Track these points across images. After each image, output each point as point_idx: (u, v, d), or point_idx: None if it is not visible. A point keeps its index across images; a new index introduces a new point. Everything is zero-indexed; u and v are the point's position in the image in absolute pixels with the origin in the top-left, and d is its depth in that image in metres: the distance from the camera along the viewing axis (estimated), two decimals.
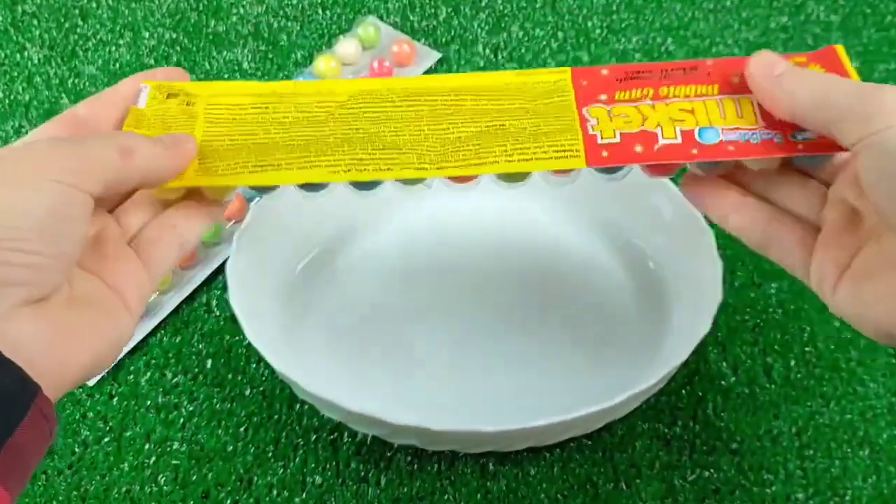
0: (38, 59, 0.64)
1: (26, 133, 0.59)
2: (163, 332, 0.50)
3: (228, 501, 0.43)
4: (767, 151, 0.33)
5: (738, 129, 0.34)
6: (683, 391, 0.47)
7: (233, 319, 0.50)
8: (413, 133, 0.35)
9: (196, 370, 0.48)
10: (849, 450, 0.45)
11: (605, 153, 0.34)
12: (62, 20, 0.67)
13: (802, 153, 0.33)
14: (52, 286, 0.29)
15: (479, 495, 0.44)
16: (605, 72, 0.36)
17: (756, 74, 0.33)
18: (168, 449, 0.45)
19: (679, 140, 0.34)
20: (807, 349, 0.48)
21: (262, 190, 0.35)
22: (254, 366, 0.48)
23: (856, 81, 0.32)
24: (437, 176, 0.34)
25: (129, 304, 0.32)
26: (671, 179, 0.47)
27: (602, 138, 0.34)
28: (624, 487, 0.44)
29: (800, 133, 0.33)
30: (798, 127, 0.33)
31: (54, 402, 0.28)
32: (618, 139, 0.34)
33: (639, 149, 0.34)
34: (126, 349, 0.48)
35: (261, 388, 0.47)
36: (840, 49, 0.34)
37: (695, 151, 0.34)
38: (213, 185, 0.34)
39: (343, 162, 0.34)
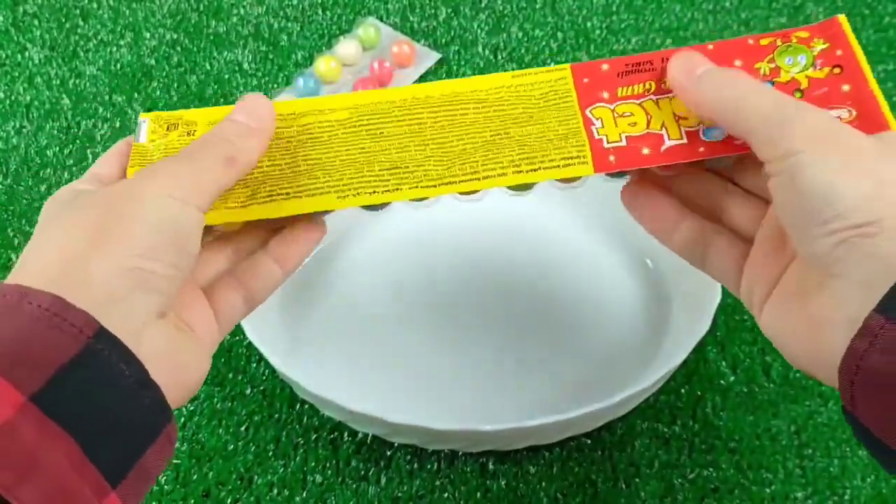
0: (39, 60, 0.64)
1: (27, 133, 0.59)
2: None
3: (229, 500, 0.44)
4: None
5: None
6: (683, 390, 0.47)
7: None
8: (418, 147, 0.34)
9: None
10: (847, 449, 0.45)
11: (611, 157, 0.34)
12: (63, 20, 0.67)
13: None
14: (173, 300, 0.29)
15: (478, 494, 0.44)
16: (605, 66, 0.35)
17: (675, 74, 0.33)
18: None
19: (685, 140, 0.34)
20: None
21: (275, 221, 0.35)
22: (254, 365, 0.48)
23: (776, 95, 0.30)
24: (447, 193, 0.34)
25: (203, 343, 0.32)
26: None
27: (608, 142, 0.34)
28: (623, 486, 0.44)
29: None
30: None
31: None
32: (623, 143, 0.34)
33: (646, 151, 0.34)
34: None
35: (261, 388, 0.47)
36: (843, 20, 0.34)
37: (702, 150, 0.33)
38: (227, 222, 0.34)
39: (351, 186, 0.34)
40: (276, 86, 0.62)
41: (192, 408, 0.47)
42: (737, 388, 0.47)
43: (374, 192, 0.34)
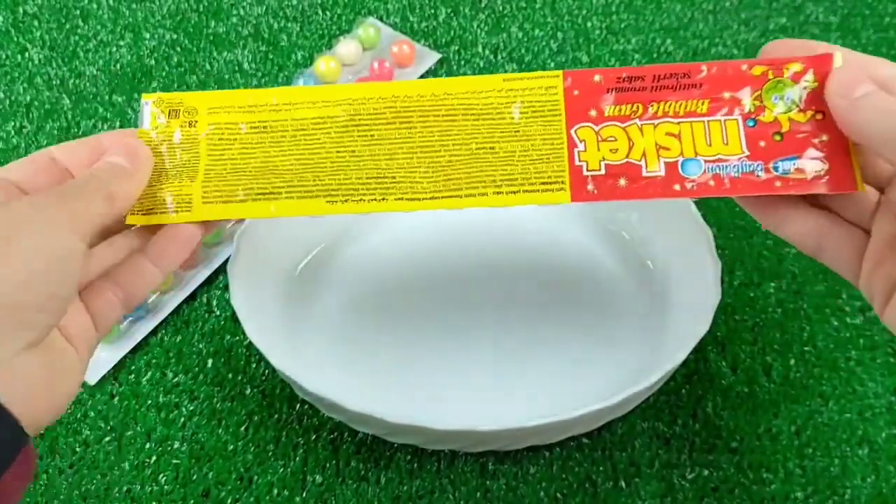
0: (39, 60, 0.64)
1: (27, 133, 0.59)
2: (163, 331, 0.50)
3: (229, 500, 0.44)
4: (746, 189, 0.34)
5: (720, 160, 0.34)
6: (683, 390, 0.47)
7: (233, 319, 0.50)
8: (406, 155, 0.35)
9: (197, 369, 0.48)
10: (848, 449, 0.45)
11: (590, 186, 0.34)
12: (63, 21, 0.67)
13: (778, 192, 0.34)
14: (49, 331, 0.30)
15: (478, 494, 0.44)
16: (597, 77, 0.35)
17: (833, 95, 0.32)
18: (169, 448, 0.45)
19: (662, 173, 0.34)
20: (806, 348, 0.48)
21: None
22: (254, 365, 0.48)
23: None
24: (430, 208, 0.34)
25: (81, 352, 0.33)
26: None
27: (588, 169, 0.35)
28: (623, 486, 0.44)
29: (783, 162, 0.34)
30: (781, 155, 0.34)
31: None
32: (603, 171, 0.35)
33: (622, 182, 0.34)
34: (127, 348, 0.49)
35: (261, 388, 0.47)
36: (838, 58, 0.34)
37: (677, 188, 0.34)
38: (219, 218, 0.35)
39: (340, 192, 0.35)
40: (275, 86, 0.62)
41: (192, 408, 0.47)
42: (737, 387, 0.47)
43: (362, 199, 0.35)
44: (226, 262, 0.48)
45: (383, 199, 0.35)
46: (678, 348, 0.41)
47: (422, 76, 0.62)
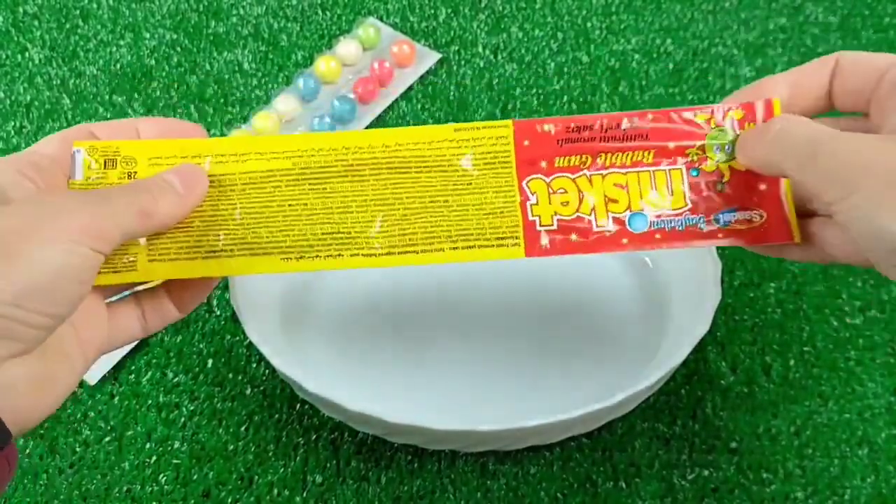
0: (40, 60, 0.64)
1: (27, 133, 0.59)
2: (164, 331, 0.50)
3: (229, 500, 0.44)
4: (689, 239, 0.35)
5: (664, 214, 0.35)
6: (683, 390, 0.47)
7: (234, 319, 0.50)
8: (360, 209, 0.35)
9: (197, 369, 0.48)
10: (847, 449, 0.45)
11: (544, 241, 0.35)
12: (63, 21, 0.67)
13: (720, 241, 0.35)
14: (39, 344, 0.29)
15: (479, 494, 0.44)
16: (546, 127, 0.36)
17: (742, 158, 0.34)
18: (169, 448, 0.45)
19: (611, 228, 0.35)
20: (805, 349, 0.48)
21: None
22: (254, 365, 0.48)
23: (809, 133, 0.30)
24: (386, 265, 0.35)
25: (88, 355, 0.32)
26: None
27: (541, 224, 0.35)
28: (623, 486, 0.44)
29: (723, 215, 0.35)
30: (722, 208, 0.35)
31: (15, 440, 0.28)
32: (555, 226, 0.35)
33: (574, 238, 0.35)
34: (127, 348, 0.49)
35: (261, 388, 0.48)
36: (777, 104, 0.34)
37: (625, 241, 0.35)
38: (165, 277, 0.34)
39: (295, 248, 0.34)
40: (275, 86, 0.62)
41: (192, 408, 0.47)
42: (736, 388, 0.47)
43: (317, 256, 0.34)
44: None
45: (339, 255, 0.35)
46: (678, 348, 0.41)
47: (422, 76, 0.62)
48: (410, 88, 0.62)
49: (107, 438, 0.46)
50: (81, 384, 0.48)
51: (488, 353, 0.47)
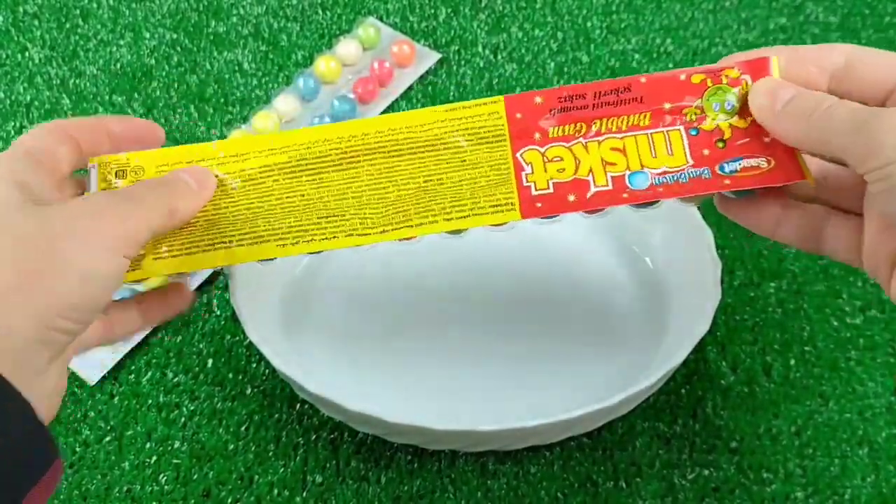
0: (39, 60, 0.64)
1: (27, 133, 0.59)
2: (163, 331, 0.50)
3: (229, 500, 0.44)
4: (696, 189, 0.34)
5: (666, 171, 0.35)
6: (683, 390, 0.47)
7: (233, 319, 0.50)
8: (355, 195, 0.36)
9: (197, 369, 0.48)
10: (848, 449, 0.45)
11: (539, 204, 0.35)
12: (63, 20, 0.67)
13: (728, 188, 0.34)
14: (67, 346, 0.30)
15: (479, 494, 0.44)
16: (538, 99, 0.36)
17: (755, 109, 0.33)
18: (169, 448, 0.45)
19: (610, 186, 0.35)
20: (806, 348, 0.48)
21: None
22: (254, 365, 0.48)
23: (852, 110, 0.30)
24: (380, 241, 0.35)
25: (71, 357, 0.33)
26: None
27: (536, 189, 0.35)
28: (624, 486, 0.44)
29: (728, 164, 0.34)
30: (726, 157, 0.34)
31: None
32: (551, 189, 0.35)
33: (572, 198, 0.35)
34: (127, 348, 0.49)
35: (261, 388, 0.47)
36: (774, 62, 0.34)
37: (626, 195, 0.35)
38: (168, 272, 0.35)
39: (290, 234, 0.35)
40: (276, 86, 0.62)
41: (192, 407, 0.47)
42: (737, 387, 0.47)
43: (312, 239, 0.35)
44: None
45: (334, 237, 0.35)
46: (678, 348, 0.41)
47: (422, 76, 0.62)
48: (410, 88, 0.62)
49: (107, 438, 0.46)
50: (82, 384, 0.48)
51: (489, 354, 0.47)
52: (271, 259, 0.36)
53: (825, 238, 0.34)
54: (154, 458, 0.45)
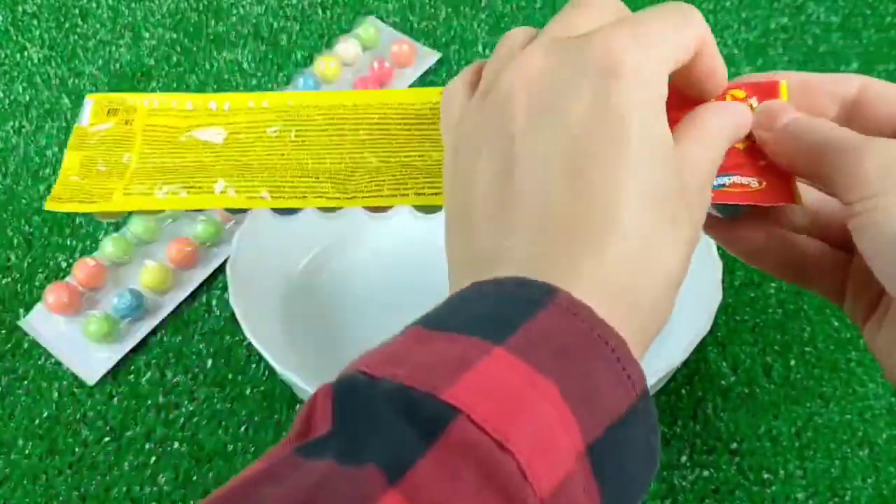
0: (39, 59, 0.64)
1: (26, 133, 0.59)
2: (163, 331, 0.50)
3: None
4: None
5: None
6: (683, 391, 0.47)
7: (233, 319, 0.50)
8: (334, 161, 0.35)
9: (196, 370, 0.48)
10: (848, 450, 0.45)
11: None
12: (62, 20, 0.67)
13: (713, 200, 0.32)
14: None
15: None
16: None
17: (756, 128, 0.31)
18: (168, 449, 0.45)
19: None
20: (806, 349, 0.48)
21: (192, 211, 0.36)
22: (254, 366, 0.48)
23: (846, 135, 0.29)
24: (350, 206, 0.34)
25: None
26: None
27: None
28: None
29: (718, 178, 0.32)
30: (717, 173, 0.32)
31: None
32: None
33: None
34: (126, 349, 0.48)
35: (261, 389, 0.47)
36: (784, 87, 0.33)
37: None
38: (134, 209, 0.35)
39: (261, 188, 0.35)
40: (275, 85, 0.62)
41: (192, 408, 0.47)
42: (737, 388, 0.47)
43: (282, 196, 0.34)
44: (225, 262, 0.48)
45: (304, 196, 0.34)
46: (678, 348, 0.41)
47: (421, 76, 0.62)
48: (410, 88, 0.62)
49: (106, 439, 0.46)
50: (81, 384, 0.48)
51: None
52: (242, 210, 0.35)
53: (808, 272, 0.33)
54: (153, 458, 0.45)
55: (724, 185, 0.32)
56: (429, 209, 0.35)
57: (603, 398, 0.23)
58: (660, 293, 0.26)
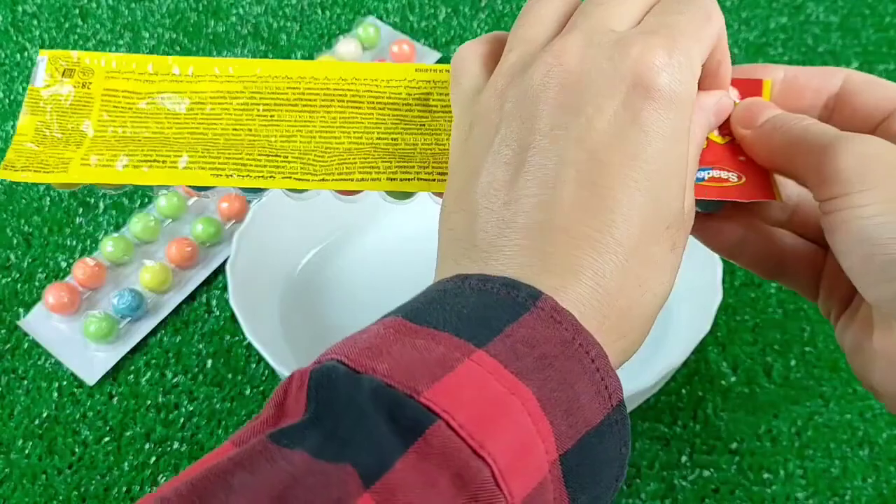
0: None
1: None
2: (163, 331, 0.50)
3: None
4: None
5: None
6: (683, 391, 0.47)
7: (233, 319, 0.50)
8: (303, 140, 0.33)
9: (196, 370, 0.48)
10: (848, 449, 0.45)
11: None
12: (62, 20, 0.67)
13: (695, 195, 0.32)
14: None
15: None
16: None
17: (736, 125, 0.31)
18: (168, 448, 0.45)
19: None
20: (806, 349, 0.48)
21: (150, 188, 0.34)
22: (253, 366, 0.48)
23: (822, 131, 0.28)
24: (318, 188, 0.33)
25: None
26: None
27: None
28: (624, 487, 0.44)
29: (697, 171, 0.32)
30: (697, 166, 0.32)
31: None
32: None
33: None
34: (126, 349, 0.48)
35: (261, 388, 0.47)
36: (767, 84, 0.32)
37: None
38: (94, 181, 0.33)
39: (227, 166, 0.33)
40: None
41: (191, 408, 0.47)
42: (737, 388, 0.47)
43: (249, 175, 0.33)
44: (225, 262, 0.48)
45: (271, 176, 0.33)
46: (678, 348, 0.41)
47: None
48: None
49: (106, 439, 0.46)
50: (80, 384, 0.48)
51: None
52: (208, 188, 0.33)
53: (785, 267, 0.33)
54: (153, 458, 0.45)
55: (703, 180, 0.32)
56: (400, 195, 0.34)
57: (580, 408, 0.23)
58: (645, 314, 0.26)
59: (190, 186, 0.33)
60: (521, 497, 0.21)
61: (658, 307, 0.27)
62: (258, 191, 0.33)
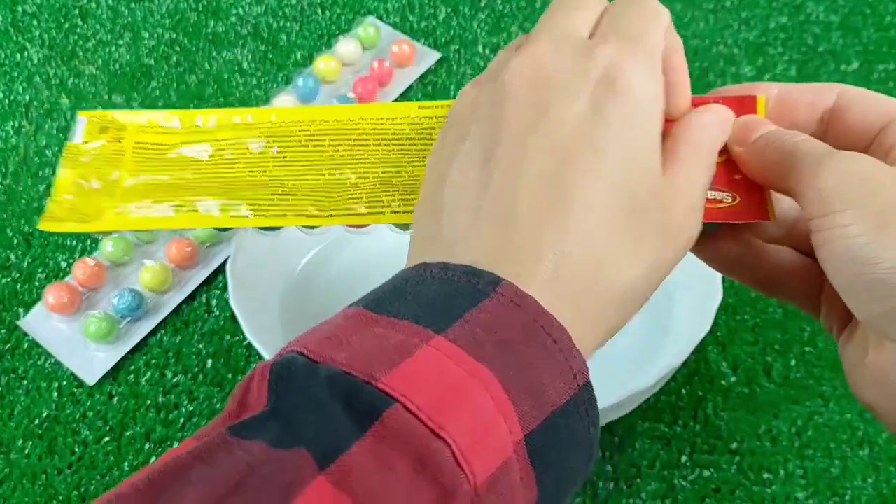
0: (38, 60, 0.64)
1: (26, 133, 0.59)
2: (163, 331, 0.50)
3: None
4: None
5: None
6: (683, 391, 0.47)
7: (233, 319, 0.50)
8: (314, 178, 0.36)
9: (196, 370, 0.48)
10: (848, 449, 0.45)
11: None
12: (62, 20, 0.67)
13: None
14: None
15: None
16: None
17: (731, 142, 0.31)
18: (168, 449, 0.45)
19: None
20: (807, 349, 0.48)
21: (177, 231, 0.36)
22: (253, 366, 0.48)
23: (813, 147, 0.28)
24: (328, 224, 0.35)
25: None
26: None
27: None
28: (624, 487, 0.44)
29: None
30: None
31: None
32: None
33: None
34: (126, 349, 0.48)
35: None
36: (761, 101, 0.32)
37: None
38: (125, 229, 0.36)
39: (244, 206, 0.35)
40: (275, 86, 0.62)
41: (191, 408, 0.47)
42: (738, 388, 0.47)
43: (263, 215, 0.35)
44: (225, 262, 0.48)
45: (284, 215, 0.35)
46: (679, 348, 0.41)
47: (422, 76, 0.62)
48: (410, 88, 0.62)
49: (106, 439, 0.46)
50: (80, 384, 0.48)
51: None
52: (226, 229, 0.36)
53: (785, 284, 0.32)
54: (153, 458, 0.45)
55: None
56: (406, 227, 0.35)
57: (544, 388, 0.23)
58: (611, 301, 0.26)
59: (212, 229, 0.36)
60: (485, 477, 0.21)
61: (628, 298, 0.27)
62: (274, 229, 0.36)
